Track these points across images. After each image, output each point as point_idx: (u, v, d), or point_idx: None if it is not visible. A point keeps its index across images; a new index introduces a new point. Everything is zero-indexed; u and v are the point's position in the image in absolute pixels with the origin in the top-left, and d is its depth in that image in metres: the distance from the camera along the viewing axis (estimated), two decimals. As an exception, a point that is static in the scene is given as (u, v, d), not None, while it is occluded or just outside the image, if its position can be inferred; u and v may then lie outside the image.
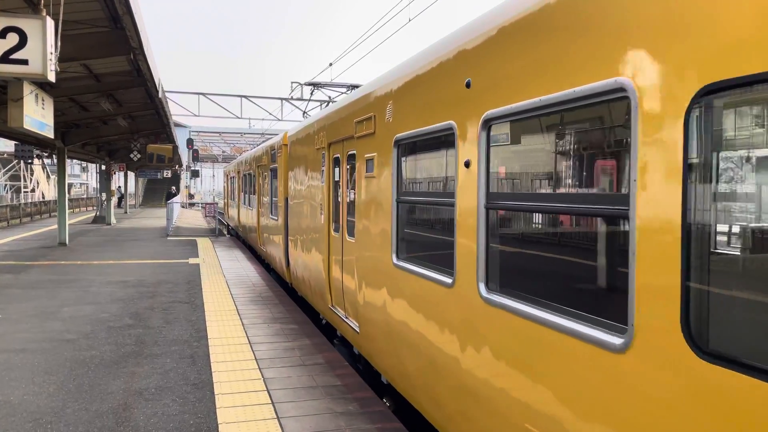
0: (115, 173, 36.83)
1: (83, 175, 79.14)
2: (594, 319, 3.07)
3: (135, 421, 5.60)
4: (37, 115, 10.98)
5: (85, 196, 61.26)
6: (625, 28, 2.74)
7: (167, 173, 54.32)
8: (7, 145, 45.48)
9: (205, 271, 15.29)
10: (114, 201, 39.06)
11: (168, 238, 24.35)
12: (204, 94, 36.03)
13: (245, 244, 21.92)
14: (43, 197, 54.58)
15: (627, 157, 2.81)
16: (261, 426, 5.51)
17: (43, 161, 50.83)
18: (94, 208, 45.24)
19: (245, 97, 36.78)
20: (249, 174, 19.34)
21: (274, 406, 5.98)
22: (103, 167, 35.17)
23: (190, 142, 49.62)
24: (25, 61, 8.44)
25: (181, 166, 53.78)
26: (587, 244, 3.47)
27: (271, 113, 38.24)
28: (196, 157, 56.00)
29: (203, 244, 22.37)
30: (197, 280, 13.80)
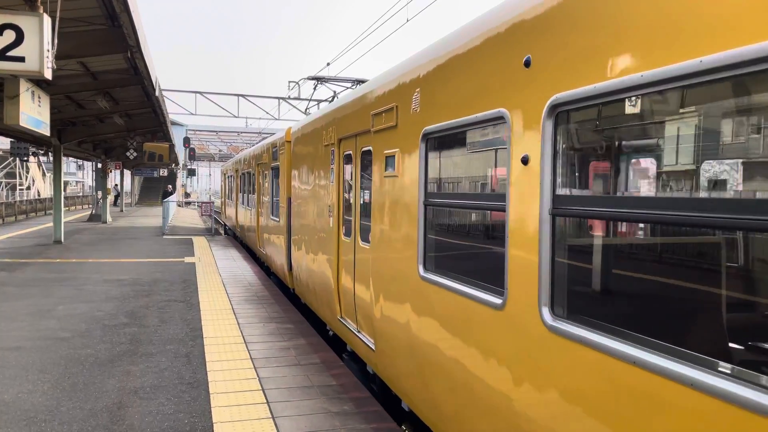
0: (111, 171, 36.75)
1: (79, 173, 79.03)
2: (709, 362, 2.33)
3: (130, 420, 5.59)
4: (34, 112, 10.96)
5: (81, 194, 61.09)
6: None
7: (163, 172, 54.21)
8: (2, 143, 45.29)
9: (200, 270, 15.27)
10: (110, 199, 38.99)
11: (164, 237, 24.31)
12: (201, 93, 35.95)
13: (243, 244, 21.59)
14: (38, 195, 54.40)
15: None
16: (256, 425, 5.51)
17: (38, 159, 50.64)
18: (90, 206, 45.15)
19: (242, 96, 36.73)
20: (248, 173, 18.80)
21: (269, 406, 5.98)
22: (99, 165, 35.09)
23: (187, 141, 49.49)
24: (21, 59, 8.42)
25: (177, 164, 53.71)
26: (699, 260, 2.70)
27: (268, 112, 38.23)
28: (193, 155, 55.86)
29: (199, 243, 22.34)
30: (193, 279, 13.78)
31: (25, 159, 34.86)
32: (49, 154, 30.00)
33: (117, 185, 47.56)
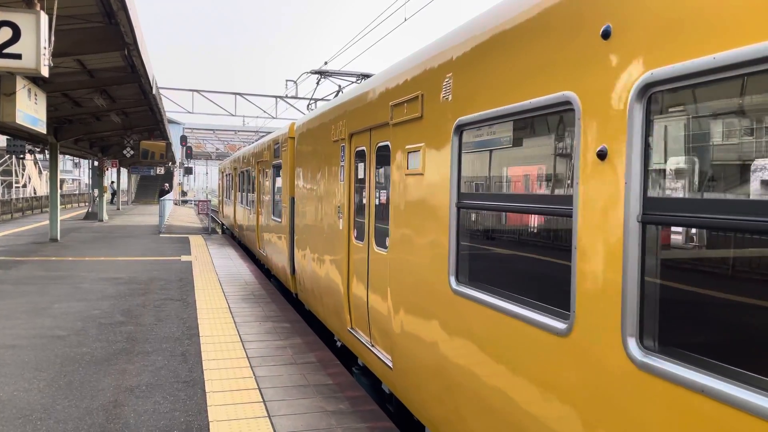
0: (107, 169, 36.67)
1: (75, 171, 78.82)
2: None
3: (125, 419, 5.59)
4: (30, 110, 10.93)
5: (77, 192, 60.94)
6: None
7: (160, 170, 54.13)
8: (-2, 140, 45.18)
9: (197, 268, 15.26)
10: (107, 197, 38.89)
11: (160, 235, 24.28)
12: (198, 91, 35.87)
13: (241, 244, 21.18)
14: (34, 193, 54.25)
15: None
16: (252, 424, 5.51)
17: (35, 156, 50.48)
18: (86, 204, 45.05)
19: (239, 94, 36.70)
20: (247, 171, 18.12)
21: (265, 405, 5.98)
22: (95, 163, 35.01)
23: (184, 139, 49.47)
24: (18, 56, 8.39)
25: (174, 163, 53.62)
26: None
27: (265, 111, 38.17)
28: (190, 154, 55.77)
29: (196, 241, 22.31)
30: (189, 277, 13.76)
31: (22, 156, 34.75)
32: (46, 151, 29.91)
33: (113, 183, 47.45)
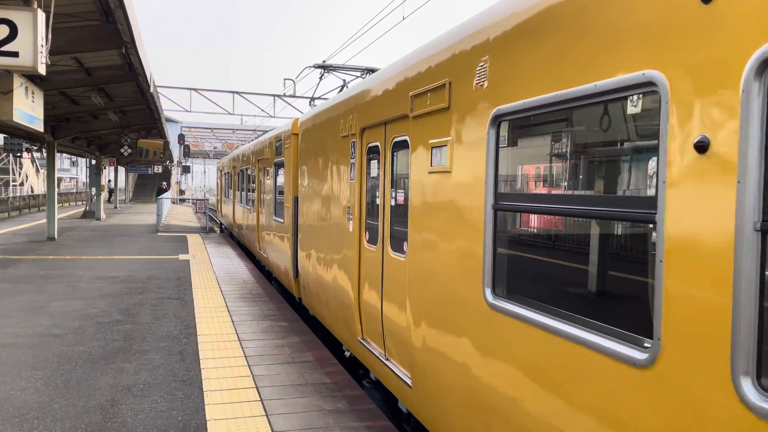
0: (105, 168, 36.61)
1: (73, 170, 78.72)
2: None
3: (123, 417, 5.58)
4: (27, 108, 10.90)
5: (74, 191, 60.86)
6: None
7: (158, 169, 54.10)
8: (-4, 138, 45.07)
9: (195, 267, 15.24)
10: (104, 196, 38.82)
11: (158, 234, 24.25)
12: (196, 90, 35.83)
13: (240, 245, 20.81)
14: (32, 191, 54.18)
15: None
16: (249, 423, 5.51)
17: (32, 155, 50.45)
18: (84, 202, 44.97)
19: (237, 93, 36.69)
20: (247, 169, 17.58)
21: (262, 403, 5.97)
22: (93, 162, 34.95)
23: (182, 138, 49.43)
24: (15, 54, 8.37)
25: (172, 161, 53.56)
26: None
27: (263, 110, 38.16)
28: (188, 152, 55.77)
29: (193, 240, 22.29)
30: (187, 276, 13.75)
31: (19, 155, 34.67)
32: (43, 150, 29.86)
33: (111, 181, 47.39)
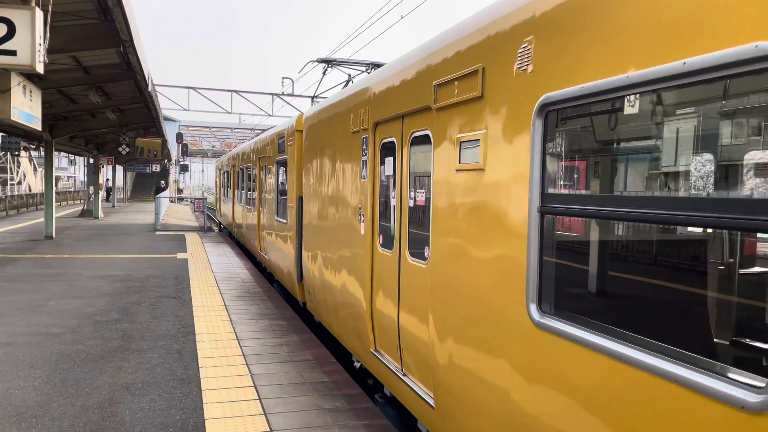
0: (103, 167, 36.58)
1: (71, 168, 78.64)
2: None
3: (121, 416, 5.58)
4: (25, 106, 10.89)
5: (72, 190, 60.79)
6: None
7: (156, 167, 54.05)
8: (-7, 137, 44.97)
9: (193, 266, 15.23)
10: (102, 194, 38.80)
11: (156, 233, 24.23)
12: (194, 88, 35.77)
13: (240, 245, 20.54)
14: (29, 190, 54.10)
15: None
16: (248, 421, 5.51)
17: (30, 153, 50.37)
18: (82, 201, 44.91)
19: (235, 91, 36.64)
20: (248, 167, 17.11)
21: (261, 402, 5.98)
22: (91, 160, 34.90)
23: (180, 137, 49.33)
24: (13, 52, 8.37)
25: (170, 160, 53.51)
26: None
27: (261, 108, 38.14)
28: (186, 151, 55.65)
29: (192, 239, 22.28)
30: (185, 275, 13.74)
31: (17, 154, 34.63)
32: (41, 148, 29.82)
33: (109, 180, 47.35)
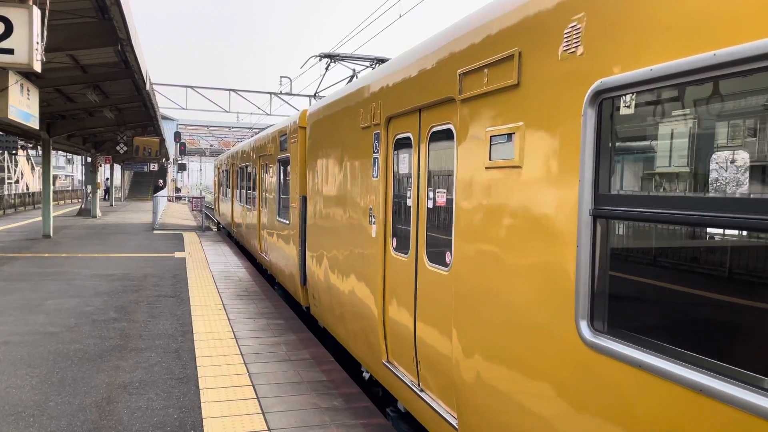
0: (101, 165, 36.51)
1: (68, 167, 78.49)
2: None
3: (119, 415, 5.57)
4: (22, 105, 10.87)
5: (70, 189, 60.69)
6: None
7: (154, 166, 53.97)
8: (-10, 136, 44.87)
9: (191, 265, 15.22)
10: (101, 193, 38.75)
11: (154, 232, 24.20)
12: (192, 87, 35.71)
13: (239, 245, 20.36)
14: (27, 189, 53.98)
15: None
16: (246, 420, 5.51)
17: (27, 152, 50.24)
18: (79, 200, 44.87)
19: (233, 90, 36.59)
20: (247, 166, 16.77)
21: (259, 401, 5.98)
22: (88, 159, 34.84)
23: (178, 136, 49.26)
24: (10, 51, 8.35)
25: (168, 159, 53.45)
26: None
27: (259, 107, 38.10)
28: (184, 150, 55.58)
29: (190, 238, 22.26)
30: (183, 274, 13.73)
31: (14, 152, 34.57)
32: (38, 147, 29.77)
33: (107, 179, 47.28)
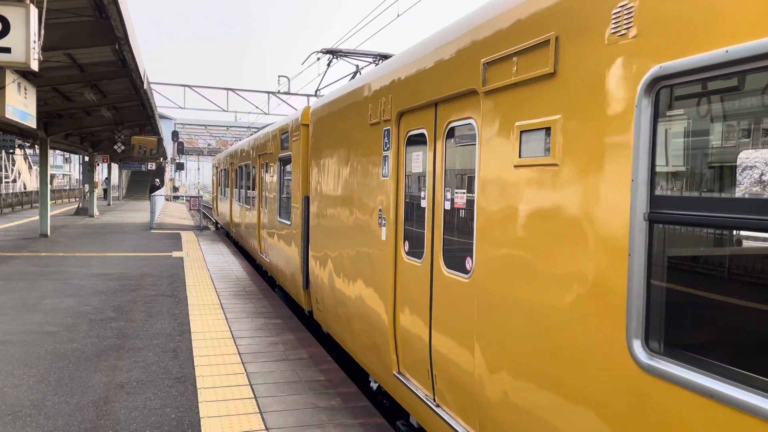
0: (98, 165, 36.45)
1: (66, 166, 78.30)
2: None
3: (116, 415, 5.57)
4: (20, 104, 10.85)
5: (67, 188, 60.59)
6: None
7: (151, 166, 53.87)
8: (-12, 135, 44.76)
9: (188, 264, 15.20)
10: (100, 193, 38.69)
11: (152, 231, 24.17)
12: (190, 87, 35.67)
13: (237, 245, 20.16)
14: (24, 188, 53.86)
15: None
16: (243, 420, 5.51)
17: (25, 151, 50.15)
18: (77, 199, 44.79)
19: (231, 90, 36.56)
20: (247, 165, 16.51)
21: (256, 401, 5.97)
22: (86, 158, 34.78)
23: (175, 135, 49.20)
24: (7, 50, 8.33)
25: (165, 158, 53.39)
26: None
27: (257, 107, 38.05)
28: (181, 149, 55.52)
29: (187, 237, 22.23)
30: (181, 273, 13.71)
31: (11, 151, 34.51)
32: (36, 146, 29.72)
33: (107, 179, 47.21)
